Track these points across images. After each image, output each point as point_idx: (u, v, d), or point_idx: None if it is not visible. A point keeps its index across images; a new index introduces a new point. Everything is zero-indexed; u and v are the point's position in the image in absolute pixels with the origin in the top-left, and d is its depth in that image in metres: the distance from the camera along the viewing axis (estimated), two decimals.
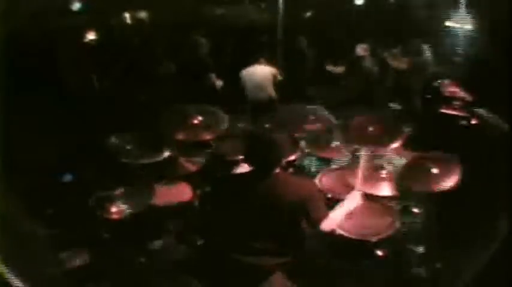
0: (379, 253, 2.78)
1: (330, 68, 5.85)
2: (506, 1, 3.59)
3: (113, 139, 3.25)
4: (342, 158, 3.59)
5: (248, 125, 4.22)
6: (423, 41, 5.17)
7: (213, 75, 5.06)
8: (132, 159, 3.14)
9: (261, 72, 5.25)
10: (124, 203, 2.80)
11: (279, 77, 5.35)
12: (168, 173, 3.29)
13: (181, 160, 3.40)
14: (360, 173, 2.89)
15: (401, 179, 2.85)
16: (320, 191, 2.69)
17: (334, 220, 2.35)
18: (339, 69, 5.75)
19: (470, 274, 1.87)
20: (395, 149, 3.30)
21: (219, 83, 5.10)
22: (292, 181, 2.39)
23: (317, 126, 3.58)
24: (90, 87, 4.96)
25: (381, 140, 3.13)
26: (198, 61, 5.06)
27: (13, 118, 2.30)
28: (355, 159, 3.47)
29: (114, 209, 2.77)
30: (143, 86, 4.71)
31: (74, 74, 4.73)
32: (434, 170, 2.72)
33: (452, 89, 4.48)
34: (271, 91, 5.31)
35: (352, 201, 2.56)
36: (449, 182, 2.65)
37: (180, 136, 3.19)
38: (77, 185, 3.67)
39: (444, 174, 2.69)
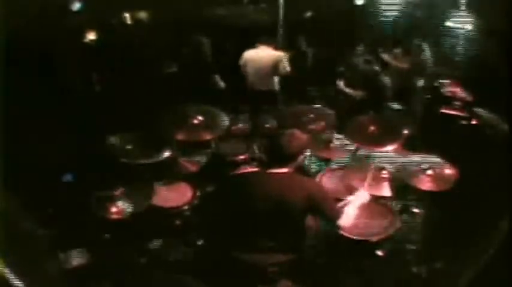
0: (380, 252, 2.78)
1: (346, 89, 5.40)
2: (506, 1, 3.59)
3: (113, 139, 3.26)
4: (342, 158, 3.59)
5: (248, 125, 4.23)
6: (423, 41, 5.17)
7: (216, 77, 5.03)
8: (132, 159, 3.14)
9: (265, 57, 4.55)
10: (124, 203, 2.81)
11: (287, 67, 4.57)
12: (168, 173, 3.29)
13: (181, 160, 3.40)
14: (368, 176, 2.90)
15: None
16: (327, 190, 2.72)
17: (350, 216, 2.43)
18: (358, 93, 5.30)
19: (470, 274, 1.87)
20: (396, 149, 3.31)
21: (221, 83, 5.07)
22: (301, 180, 2.39)
23: (317, 126, 3.59)
24: (91, 87, 4.95)
25: (380, 140, 3.14)
26: (200, 61, 5.04)
27: (13, 118, 2.30)
28: (354, 159, 3.48)
29: (114, 209, 2.77)
30: (144, 86, 4.70)
31: (74, 73, 4.72)
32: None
33: (452, 89, 4.49)
34: (274, 83, 4.71)
35: (362, 198, 2.63)
36: None
37: (180, 136, 3.19)
38: (77, 185, 3.67)
39: None
